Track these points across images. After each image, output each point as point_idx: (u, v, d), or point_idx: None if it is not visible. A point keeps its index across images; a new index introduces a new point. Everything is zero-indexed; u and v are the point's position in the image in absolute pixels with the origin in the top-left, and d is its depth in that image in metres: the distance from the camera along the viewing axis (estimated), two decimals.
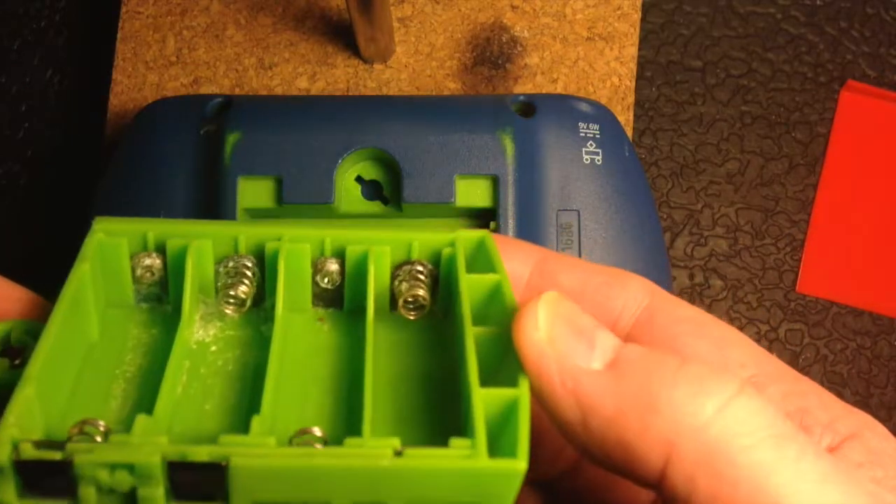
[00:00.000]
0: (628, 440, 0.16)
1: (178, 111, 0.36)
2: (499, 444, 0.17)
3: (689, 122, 0.44)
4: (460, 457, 0.16)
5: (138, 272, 0.20)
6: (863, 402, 0.41)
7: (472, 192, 0.34)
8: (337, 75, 0.41)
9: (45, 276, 0.20)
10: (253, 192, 0.34)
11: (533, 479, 0.23)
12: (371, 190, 0.35)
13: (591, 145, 0.36)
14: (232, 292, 0.20)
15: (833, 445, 0.18)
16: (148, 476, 0.16)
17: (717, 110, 0.44)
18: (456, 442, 0.16)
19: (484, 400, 0.17)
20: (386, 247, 0.20)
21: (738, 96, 0.44)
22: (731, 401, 0.16)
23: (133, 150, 0.36)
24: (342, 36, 0.41)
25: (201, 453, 0.16)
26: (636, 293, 0.21)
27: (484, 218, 0.35)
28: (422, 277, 0.20)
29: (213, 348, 0.20)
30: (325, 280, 0.20)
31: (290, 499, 0.16)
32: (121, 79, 0.41)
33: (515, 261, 0.21)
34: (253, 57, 0.41)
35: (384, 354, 0.20)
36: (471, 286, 0.20)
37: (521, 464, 0.16)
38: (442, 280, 0.21)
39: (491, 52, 0.41)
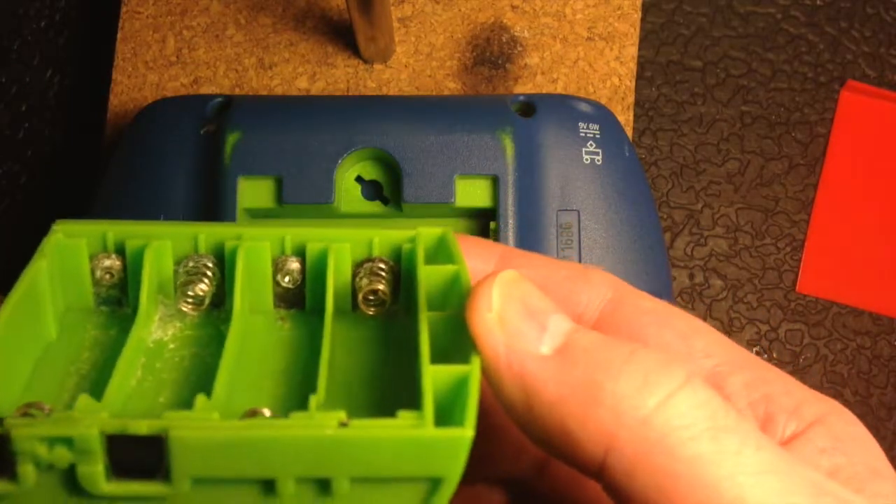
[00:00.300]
0: (569, 428, 0.16)
1: (178, 111, 0.36)
2: (449, 419, 0.16)
3: (689, 122, 0.44)
4: (406, 426, 0.16)
5: (98, 274, 0.20)
6: (863, 402, 0.41)
7: (472, 192, 0.34)
8: (337, 75, 0.41)
9: None
10: (253, 192, 0.34)
11: (500, 477, 0.23)
12: (371, 190, 0.35)
13: (591, 145, 0.36)
14: (190, 290, 0.20)
15: (798, 431, 0.18)
16: (87, 450, 0.16)
17: (717, 110, 0.44)
18: (403, 413, 0.16)
19: (433, 376, 0.17)
20: (346, 244, 0.20)
21: (738, 96, 0.44)
22: (674, 394, 0.16)
23: (133, 150, 0.36)
24: (342, 36, 0.41)
25: (141, 426, 0.16)
26: (600, 287, 0.21)
27: (484, 218, 0.35)
28: (382, 273, 0.20)
29: (171, 346, 0.20)
30: (286, 279, 0.20)
31: (232, 473, 0.16)
32: (121, 79, 0.41)
33: (477, 258, 0.21)
34: (253, 57, 0.41)
35: (343, 349, 0.20)
36: (429, 276, 0.19)
37: (467, 432, 0.16)
38: (403, 276, 0.21)
39: (491, 52, 0.41)
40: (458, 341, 0.18)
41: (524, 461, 0.22)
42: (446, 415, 0.16)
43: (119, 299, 0.20)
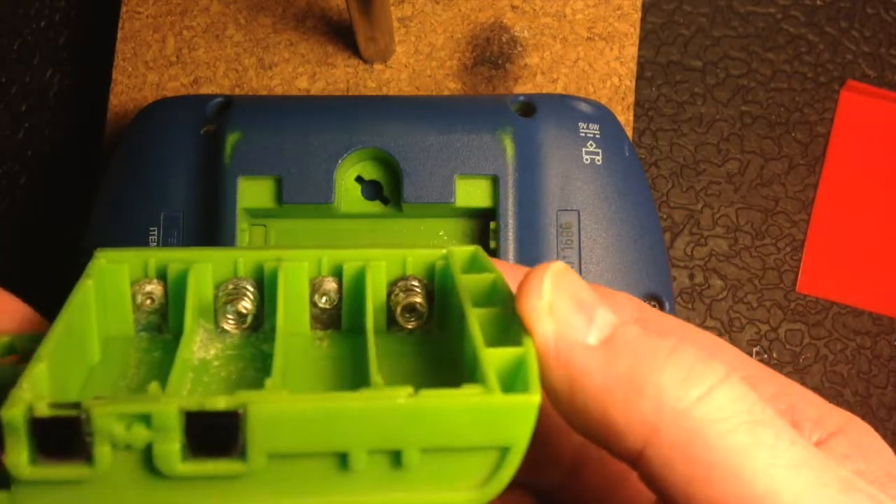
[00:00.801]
0: (611, 417, 0.17)
1: (178, 111, 0.36)
2: (512, 391, 0.17)
3: (689, 122, 0.44)
4: (476, 394, 0.16)
5: (139, 299, 0.20)
6: (863, 402, 0.41)
7: (472, 192, 0.34)
8: (337, 75, 0.41)
9: (45, 277, 0.20)
10: (253, 192, 0.34)
11: (529, 483, 0.23)
12: (371, 190, 0.35)
13: (591, 145, 0.36)
14: (232, 307, 0.20)
15: (821, 439, 0.19)
16: (165, 428, 0.16)
17: (717, 110, 0.44)
18: (468, 385, 0.16)
19: (491, 357, 0.17)
20: (382, 262, 0.21)
21: (738, 96, 0.44)
22: (714, 388, 0.17)
23: (133, 150, 0.36)
24: (342, 36, 0.41)
25: (219, 402, 0.16)
26: (625, 307, 0.21)
27: (484, 218, 0.35)
28: (417, 289, 0.21)
29: (216, 363, 0.20)
30: (324, 300, 0.21)
31: (306, 447, 0.16)
32: (121, 79, 0.41)
33: (507, 280, 0.21)
34: (253, 57, 0.41)
35: (385, 363, 0.20)
36: (468, 283, 0.20)
37: (534, 397, 0.16)
38: (437, 293, 0.21)
39: (491, 52, 0.41)
40: (504, 334, 0.19)
41: (556, 468, 0.23)
42: (508, 389, 0.17)
43: (159, 325, 0.21)
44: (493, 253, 0.34)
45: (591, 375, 0.17)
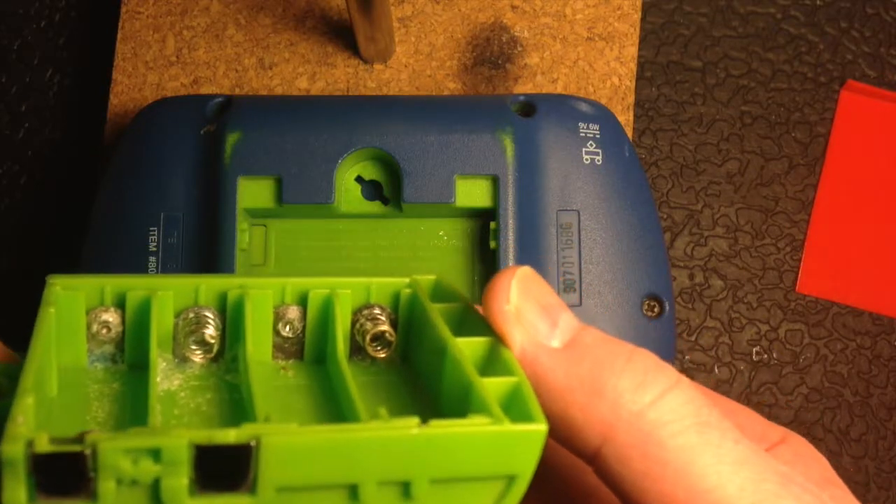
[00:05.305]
0: (571, 415, 0.18)
1: (178, 111, 0.36)
2: (514, 418, 0.17)
3: (689, 122, 0.44)
4: (485, 423, 0.16)
5: (94, 328, 0.20)
6: (863, 402, 0.41)
7: (472, 192, 0.34)
8: (337, 75, 0.41)
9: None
10: (253, 192, 0.34)
11: None
12: (371, 190, 0.35)
13: (591, 145, 0.36)
14: (197, 337, 0.20)
15: (766, 449, 0.21)
16: (174, 462, 0.15)
17: (717, 110, 0.44)
18: (473, 416, 0.17)
19: (488, 387, 0.17)
20: (347, 290, 0.21)
21: (738, 96, 0.44)
22: (667, 392, 0.18)
23: (133, 150, 0.36)
24: (342, 36, 0.41)
25: (229, 435, 0.15)
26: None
27: (484, 218, 0.35)
28: (382, 318, 0.21)
29: (182, 395, 0.19)
30: (287, 328, 0.21)
31: (316, 480, 0.16)
32: (121, 79, 0.41)
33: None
34: (253, 57, 0.41)
35: (357, 391, 0.20)
36: (441, 313, 0.20)
37: (542, 426, 0.17)
38: (401, 322, 0.21)
39: (491, 52, 0.41)
40: (488, 362, 0.19)
41: None
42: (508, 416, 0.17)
43: (113, 356, 0.20)
44: (494, 253, 0.34)
45: (554, 376, 0.18)
